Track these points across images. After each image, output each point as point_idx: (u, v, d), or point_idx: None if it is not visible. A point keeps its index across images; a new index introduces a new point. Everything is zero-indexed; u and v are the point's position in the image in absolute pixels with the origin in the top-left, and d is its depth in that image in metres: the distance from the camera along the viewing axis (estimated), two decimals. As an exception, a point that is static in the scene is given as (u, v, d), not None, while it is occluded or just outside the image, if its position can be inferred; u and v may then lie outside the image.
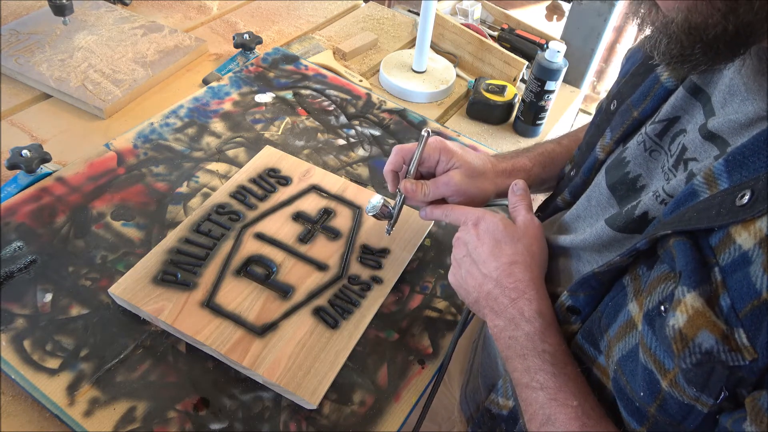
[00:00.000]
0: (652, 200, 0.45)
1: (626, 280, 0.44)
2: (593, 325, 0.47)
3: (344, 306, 0.66)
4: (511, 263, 0.53)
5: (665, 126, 0.49)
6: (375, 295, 0.68)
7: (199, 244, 0.70)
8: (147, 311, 0.62)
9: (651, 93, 0.52)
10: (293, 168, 0.82)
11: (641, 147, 0.50)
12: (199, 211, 0.74)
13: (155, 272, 0.66)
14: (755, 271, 0.33)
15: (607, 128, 0.56)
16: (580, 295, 0.48)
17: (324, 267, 0.70)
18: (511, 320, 0.51)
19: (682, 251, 0.37)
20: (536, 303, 0.51)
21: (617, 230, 0.47)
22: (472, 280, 0.55)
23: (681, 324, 0.35)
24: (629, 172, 0.51)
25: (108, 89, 0.96)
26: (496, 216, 0.56)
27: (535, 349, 0.48)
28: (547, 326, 0.49)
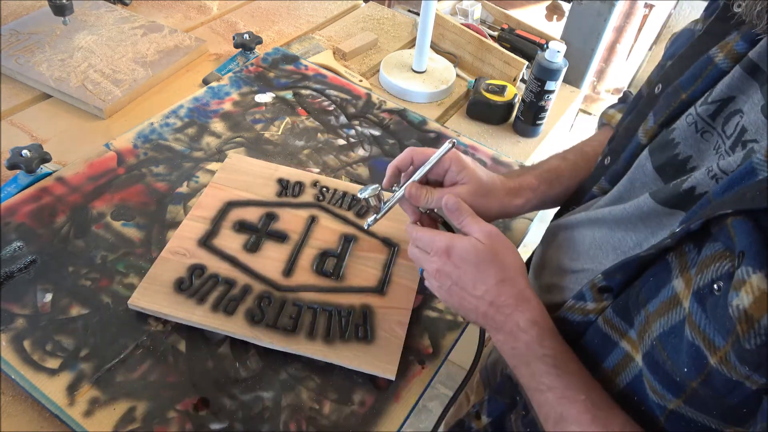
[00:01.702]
0: (703, 175, 0.44)
1: (670, 257, 0.43)
2: (629, 299, 0.46)
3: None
4: (499, 282, 0.54)
5: (719, 106, 0.47)
6: None
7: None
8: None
9: (703, 74, 0.50)
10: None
11: (692, 128, 0.49)
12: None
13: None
14: None
15: (650, 112, 0.55)
16: (617, 277, 0.47)
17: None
18: (510, 333, 0.53)
19: (744, 231, 0.36)
20: (529, 313, 0.52)
21: (660, 203, 0.47)
22: (468, 304, 0.56)
23: (746, 304, 0.35)
24: (678, 153, 0.50)
25: (108, 89, 0.96)
26: (465, 240, 0.55)
27: (536, 355, 0.50)
28: (543, 332, 0.51)
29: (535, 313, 0.52)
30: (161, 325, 0.64)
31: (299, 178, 0.81)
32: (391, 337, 0.65)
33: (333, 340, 0.64)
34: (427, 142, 0.93)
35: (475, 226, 0.57)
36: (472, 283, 0.55)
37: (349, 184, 0.83)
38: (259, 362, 0.63)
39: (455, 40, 1.17)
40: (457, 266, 0.55)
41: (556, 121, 1.10)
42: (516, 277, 0.54)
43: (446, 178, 0.63)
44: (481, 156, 0.92)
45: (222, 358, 0.62)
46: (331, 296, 0.68)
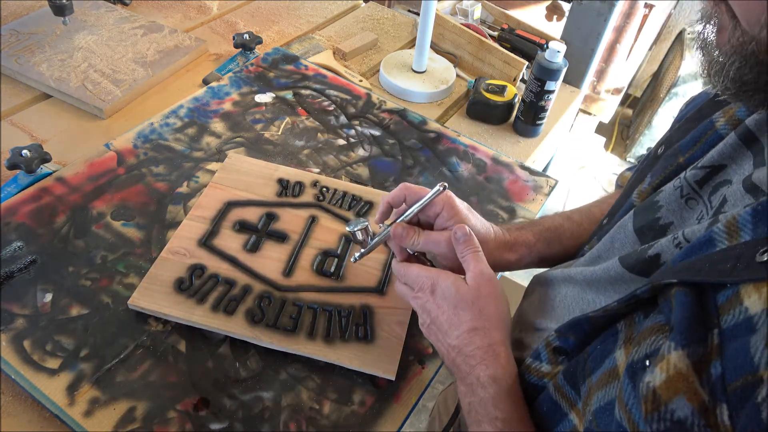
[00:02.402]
0: (668, 242, 0.42)
1: (620, 325, 0.40)
2: (577, 367, 0.43)
3: None
4: (471, 330, 0.51)
5: (708, 173, 0.45)
6: None
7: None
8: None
9: (702, 139, 0.47)
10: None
11: (677, 192, 0.46)
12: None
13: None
14: (756, 343, 0.29)
15: (649, 174, 0.52)
16: (570, 337, 0.45)
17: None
18: (470, 386, 0.50)
19: (681, 304, 0.34)
20: (492, 369, 0.49)
21: (627, 268, 0.45)
22: (441, 347, 0.54)
23: (657, 383, 0.32)
24: (660, 217, 0.47)
25: (108, 89, 0.96)
26: (449, 279, 0.53)
27: (487, 416, 0.48)
28: (502, 393, 0.48)
29: (498, 370, 0.49)
30: (161, 325, 0.64)
31: (299, 178, 0.81)
32: (391, 337, 0.65)
33: (333, 340, 0.64)
34: (427, 142, 0.93)
35: (472, 263, 0.54)
36: (446, 326, 0.53)
37: (350, 184, 0.83)
38: (259, 362, 0.63)
39: (455, 40, 1.17)
40: (438, 305, 0.53)
41: (556, 121, 1.10)
42: (490, 329, 0.51)
43: (437, 222, 0.60)
44: (481, 156, 0.92)
45: (222, 358, 0.62)
46: (331, 296, 0.68)
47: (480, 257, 0.55)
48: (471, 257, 0.55)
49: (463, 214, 0.60)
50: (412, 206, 0.59)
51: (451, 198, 0.60)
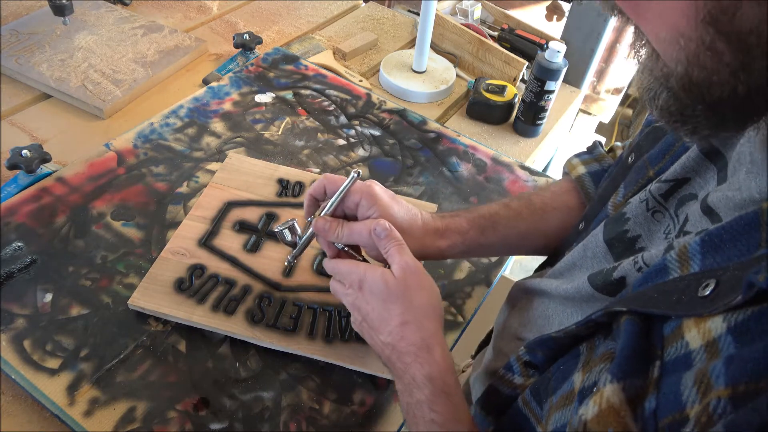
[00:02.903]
0: (630, 266, 0.41)
1: (583, 347, 0.40)
2: (542, 384, 0.43)
3: None
4: (401, 324, 0.50)
5: (672, 186, 0.44)
6: None
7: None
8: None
9: (670, 152, 0.47)
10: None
11: (643, 205, 0.46)
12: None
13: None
14: (687, 380, 0.29)
15: (622, 184, 0.52)
16: (538, 354, 0.45)
17: None
18: (407, 386, 0.49)
19: (627, 333, 0.34)
20: (427, 367, 0.48)
21: (596, 289, 0.45)
22: (376, 346, 0.53)
23: (589, 416, 0.32)
24: (628, 230, 0.47)
25: (108, 89, 0.96)
26: (377, 273, 0.51)
27: (424, 418, 0.47)
28: (437, 393, 0.47)
29: (433, 368, 0.48)
30: (161, 325, 0.64)
31: (299, 178, 0.81)
32: None
33: (333, 340, 0.64)
34: (427, 142, 0.93)
35: (396, 257, 0.52)
36: (377, 322, 0.51)
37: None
38: (259, 362, 0.63)
39: (455, 40, 1.17)
40: (367, 301, 0.52)
41: (556, 121, 1.10)
42: (421, 320, 0.50)
43: (358, 212, 0.58)
44: (481, 156, 0.92)
45: (222, 358, 0.62)
46: (331, 296, 0.68)
47: (404, 249, 0.53)
48: (395, 250, 0.53)
49: (383, 201, 0.58)
50: (331, 198, 0.57)
51: (369, 187, 0.58)
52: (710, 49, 0.30)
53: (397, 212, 0.58)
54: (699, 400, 0.28)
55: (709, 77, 0.30)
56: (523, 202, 0.65)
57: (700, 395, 0.28)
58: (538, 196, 0.66)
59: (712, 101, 0.31)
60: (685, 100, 0.33)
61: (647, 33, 0.34)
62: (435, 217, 0.62)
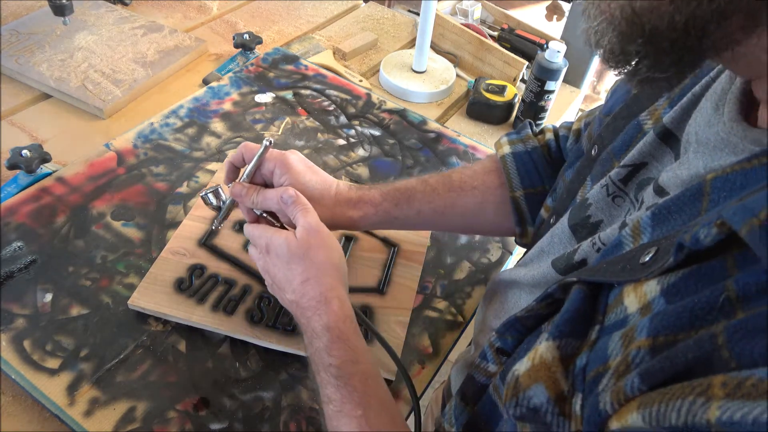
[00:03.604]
0: (589, 247, 0.43)
1: (544, 325, 0.41)
2: (509, 366, 0.43)
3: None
4: (303, 282, 0.52)
5: (630, 172, 0.45)
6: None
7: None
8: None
9: (633, 143, 0.47)
10: None
11: (604, 191, 0.47)
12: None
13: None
14: (616, 336, 0.31)
15: (588, 176, 0.52)
16: (508, 338, 0.45)
17: None
18: (309, 338, 0.51)
19: (572, 300, 0.35)
20: (325, 317, 0.50)
21: (559, 272, 0.46)
22: (285, 305, 0.55)
23: (522, 371, 0.33)
24: (590, 216, 0.48)
25: (108, 89, 0.96)
26: (281, 236, 0.54)
27: (323, 364, 0.49)
28: (334, 340, 0.49)
29: (330, 318, 0.50)
30: (161, 325, 0.64)
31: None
32: (391, 337, 0.65)
33: (333, 340, 0.64)
34: (427, 142, 0.93)
35: (301, 219, 0.54)
36: (282, 282, 0.53)
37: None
38: (259, 362, 0.63)
39: (455, 40, 1.17)
40: (273, 263, 0.54)
41: (556, 121, 1.10)
42: (321, 276, 0.52)
43: (273, 179, 0.60)
44: (481, 156, 0.92)
45: (222, 358, 0.62)
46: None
47: (308, 212, 0.55)
48: (300, 215, 0.55)
49: (296, 169, 0.59)
50: (248, 165, 0.59)
51: (284, 155, 0.60)
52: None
53: (309, 180, 0.60)
54: (622, 351, 0.29)
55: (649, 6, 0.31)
56: (441, 179, 0.66)
57: (623, 348, 0.29)
58: (457, 174, 0.67)
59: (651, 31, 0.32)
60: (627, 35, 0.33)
61: None
62: (351, 188, 0.64)
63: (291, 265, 0.53)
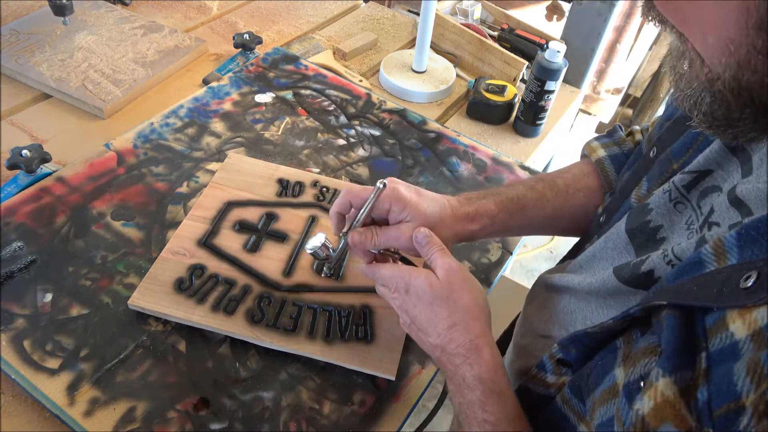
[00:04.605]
0: (660, 259, 0.42)
1: (619, 342, 0.41)
2: (582, 381, 0.43)
3: None
4: (450, 327, 0.51)
5: (695, 178, 0.45)
6: None
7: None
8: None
9: (694, 145, 0.47)
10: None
11: (666, 196, 0.46)
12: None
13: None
14: (739, 370, 0.30)
15: (645, 177, 0.52)
16: (572, 351, 0.45)
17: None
18: (458, 386, 0.50)
19: (670, 327, 0.34)
20: (477, 368, 0.49)
21: (622, 282, 0.45)
22: (425, 347, 0.54)
23: (646, 411, 0.32)
24: (650, 221, 0.47)
25: (108, 89, 0.96)
26: (421, 277, 0.53)
27: (476, 418, 0.47)
28: (488, 393, 0.48)
29: (483, 368, 0.48)
30: (161, 325, 0.64)
31: (299, 178, 0.81)
32: (391, 337, 0.65)
33: (333, 340, 0.64)
34: (427, 142, 0.93)
35: (439, 260, 0.54)
36: (426, 325, 0.52)
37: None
38: (259, 362, 0.63)
39: (455, 40, 1.17)
40: (414, 305, 0.53)
41: (556, 121, 1.10)
42: (469, 321, 0.51)
43: (390, 217, 0.60)
44: (481, 156, 0.92)
45: (222, 358, 0.62)
46: (331, 296, 0.68)
47: (445, 252, 0.55)
48: (437, 255, 0.54)
49: (412, 202, 0.59)
50: (360, 210, 0.59)
51: (396, 192, 0.59)
52: (762, 53, 0.30)
53: (427, 208, 0.60)
54: (754, 389, 0.29)
55: (761, 80, 0.31)
56: (547, 184, 0.66)
57: (754, 384, 0.29)
58: (561, 178, 0.67)
59: (762, 104, 0.32)
60: (733, 104, 0.33)
61: (692, 39, 0.35)
62: (462, 201, 0.63)
63: (434, 308, 0.52)
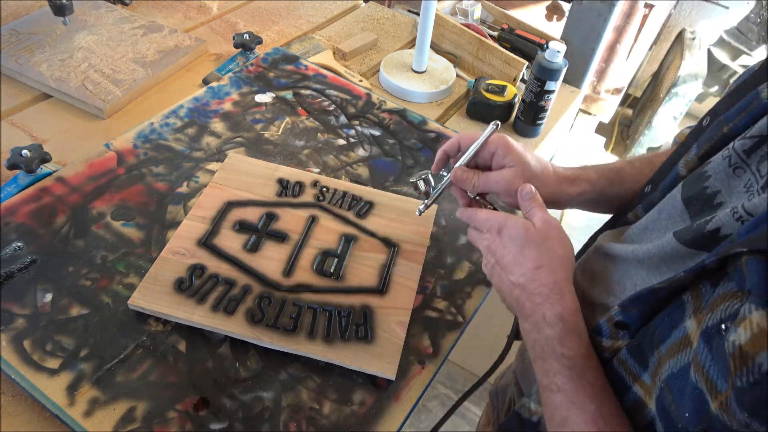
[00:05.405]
0: (728, 216, 0.42)
1: (686, 296, 0.42)
2: (644, 339, 0.44)
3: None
4: (536, 268, 0.52)
5: (756, 143, 0.45)
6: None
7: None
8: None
9: (748, 109, 0.48)
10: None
11: (726, 162, 0.47)
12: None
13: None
14: None
15: (694, 144, 0.53)
16: (633, 311, 0.46)
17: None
18: (535, 324, 0.51)
19: (754, 270, 0.35)
20: (559, 307, 0.50)
21: (684, 244, 0.45)
22: (504, 287, 0.55)
23: (743, 341, 0.33)
24: (708, 187, 0.48)
25: (108, 89, 0.96)
26: (519, 221, 0.55)
27: (554, 353, 0.49)
28: (568, 331, 0.49)
29: (564, 308, 0.50)
30: (161, 325, 0.64)
31: (299, 178, 0.81)
32: (391, 337, 0.65)
33: (333, 340, 0.64)
34: (427, 142, 0.93)
35: (539, 213, 0.56)
36: (511, 264, 0.54)
37: (350, 184, 0.83)
38: (259, 362, 0.63)
39: (455, 40, 1.17)
40: (504, 245, 0.55)
41: (556, 121, 1.10)
42: (557, 266, 0.52)
43: (493, 161, 0.63)
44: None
45: (222, 358, 0.62)
46: (331, 296, 0.68)
47: (545, 209, 0.57)
48: (537, 209, 0.57)
49: (518, 151, 0.62)
50: (468, 150, 0.63)
51: (504, 138, 0.63)
52: None
53: (530, 160, 0.63)
54: None
55: None
56: (645, 160, 0.68)
57: None
58: (657, 158, 0.68)
59: None
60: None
61: None
62: (565, 167, 0.66)
63: (524, 250, 0.53)
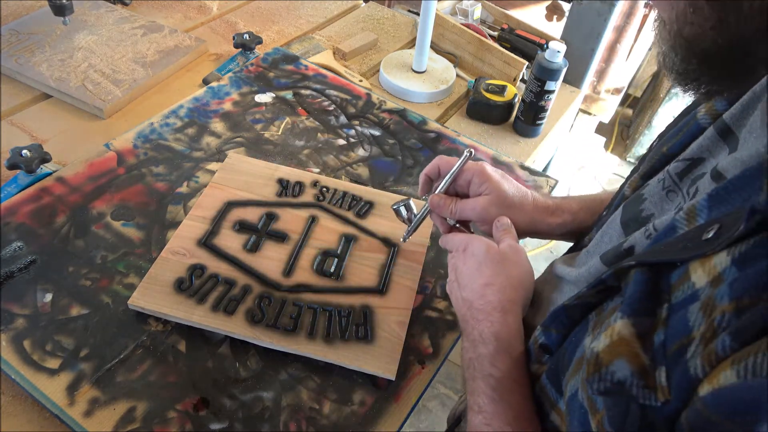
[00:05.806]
0: (641, 235, 0.43)
1: (592, 315, 0.41)
2: (558, 362, 0.43)
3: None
4: (486, 285, 0.52)
5: (688, 166, 0.45)
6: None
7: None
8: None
9: (684, 129, 0.48)
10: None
11: (660, 185, 0.47)
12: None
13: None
14: (694, 309, 0.31)
15: (638, 171, 0.53)
16: (552, 332, 0.45)
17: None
18: (473, 342, 0.50)
19: (635, 282, 0.36)
20: (498, 325, 0.50)
21: (606, 264, 0.46)
22: (456, 302, 0.55)
23: (600, 348, 0.34)
24: (643, 209, 0.48)
25: (108, 89, 0.96)
26: (483, 241, 0.55)
27: (482, 372, 0.48)
28: (501, 350, 0.48)
29: (503, 328, 0.49)
30: (161, 325, 0.64)
31: (299, 178, 0.81)
32: (391, 337, 0.65)
33: (333, 340, 0.64)
34: (427, 142, 0.93)
35: (507, 239, 0.57)
36: (466, 279, 0.54)
37: (349, 184, 0.83)
38: (259, 362, 0.63)
39: (455, 40, 1.17)
40: (465, 262, 0.55)
41: (556, 121, 1.10)
42: (507, 286, 0.52)
43: (470, 189, 0.63)
44: (481, 156, 0.92)
45: (222, 358, 0.62)
46: (331, 296, 0.68)
47: (516, 239, 0.58)
48: (509, 237, 0.57)
49: (495, 179, 0.62)
50: (446, 176, 0.62)
51: (481, 165, 0.62)
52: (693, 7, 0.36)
53: (508, 189, 0.62)
54: (704, 320, 0.30)
55: (695, 32, 0.36)
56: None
57: (705, 317, 0.30)
58: None
59: (701, 54, 0.36)
60: (685, 57, 0.38)
61: (653, 2, 0.41)
62: (545, 196, 0.65)
63: (481, 267, 0.54)
